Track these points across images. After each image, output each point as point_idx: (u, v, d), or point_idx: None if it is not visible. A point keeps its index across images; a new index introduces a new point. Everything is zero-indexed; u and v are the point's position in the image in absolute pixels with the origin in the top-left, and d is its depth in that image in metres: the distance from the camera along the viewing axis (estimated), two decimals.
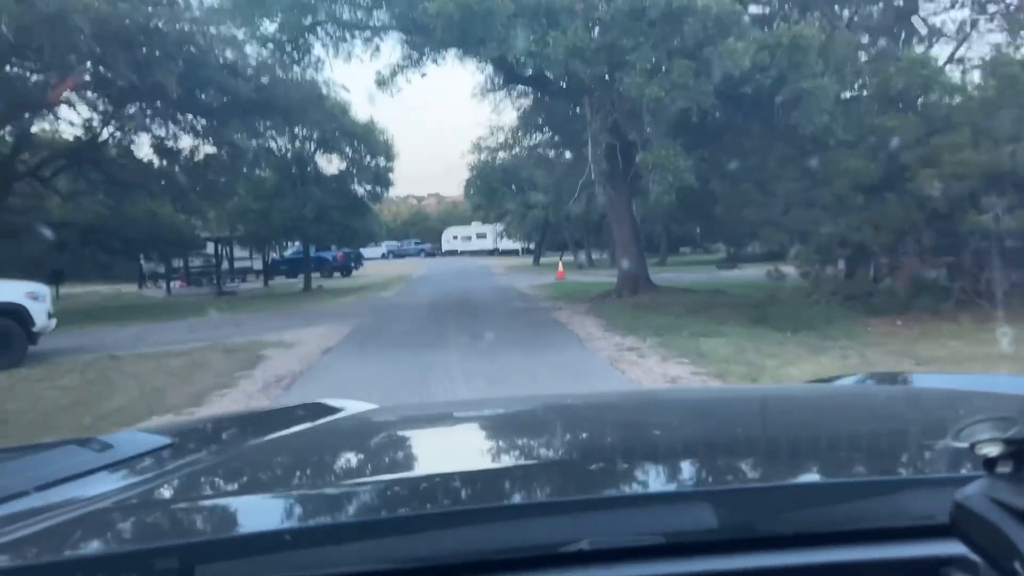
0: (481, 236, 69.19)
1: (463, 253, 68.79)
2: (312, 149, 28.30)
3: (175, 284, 35.96)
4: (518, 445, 1.48)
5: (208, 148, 23.18)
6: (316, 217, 26.77)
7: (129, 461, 1.27)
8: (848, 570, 0.83)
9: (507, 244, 62.54)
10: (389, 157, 29.38)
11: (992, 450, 0.74)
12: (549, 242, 47.07)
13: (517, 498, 1.02)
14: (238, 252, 34.60)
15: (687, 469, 1.15)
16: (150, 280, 35.89)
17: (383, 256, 68.38)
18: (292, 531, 0.89)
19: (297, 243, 31.77)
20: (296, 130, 27.56)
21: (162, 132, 22.49)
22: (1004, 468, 0.74)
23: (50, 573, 0.83)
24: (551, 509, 0.93)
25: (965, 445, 0.75)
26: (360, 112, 28.05)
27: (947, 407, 1.49)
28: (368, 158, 29.11)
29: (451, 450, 1.47)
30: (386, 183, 29.44)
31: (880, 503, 0.90)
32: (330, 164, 29.06)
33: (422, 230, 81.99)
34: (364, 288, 28.43)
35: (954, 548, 0.78)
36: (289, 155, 27.88)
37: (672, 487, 1.04)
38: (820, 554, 0.83)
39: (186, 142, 22.98)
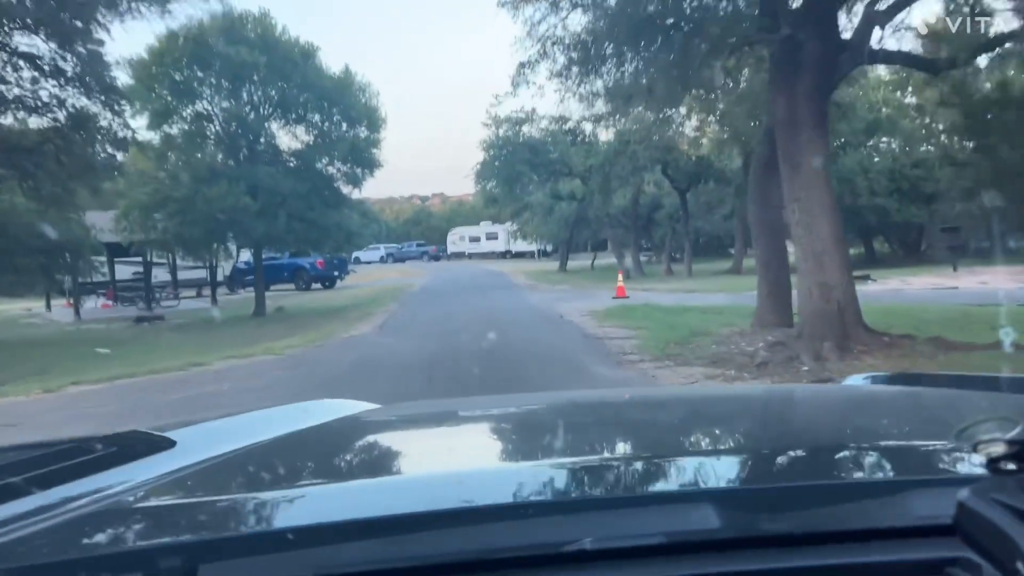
0: (492, 237, 62.75)
1: (471, 256, 61.80)
2: (263, 110, 19.70)
3: (99, 303, 27.72)
4: (520, 444, 1.47)
5: (81, 101, 14.75)
6: (263, 208, 18.21)
7: (132, 460, 1.25)
8: (851, 570, 0.82)
9: (521, 246, 55.88)
10: (374, 126, 20.81)
11: (995, 450, 0.74)
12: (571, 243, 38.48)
13: (519, 497, 0.97)
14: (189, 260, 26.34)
15: (690, 469, 1.09)
16: (73, 296, 27.56)
17: (381, 259, 62.01)
18: (295, 530, 0.86)
19: (272, 247, 23.42)
20: (236, 86, 19.07)
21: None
22: (1007, 468, 0.74)
23: (53, 572, 0.83)
24: (553, 508, 0.91)
25: (968, 445, 0.76)
26: (332, 62, 19.84)
27: (950, 407, 1.49)
28: (343, 126, 20.56)
29: (453, 449, 1.46)
30: (369, 162, 20.80)
31: (883, 503, 0.88)
32: (290, 136, 20.50)
33: (425, 230, 76.39)
34: (340, 311, 19.95)
35: (957, 548, 0.78)
36: (228, 121, 19.33)
37: (675, 487, 1.03)
38: (823, 554, 0.82)
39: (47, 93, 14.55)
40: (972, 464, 0.79)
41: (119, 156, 15.27)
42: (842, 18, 9.68)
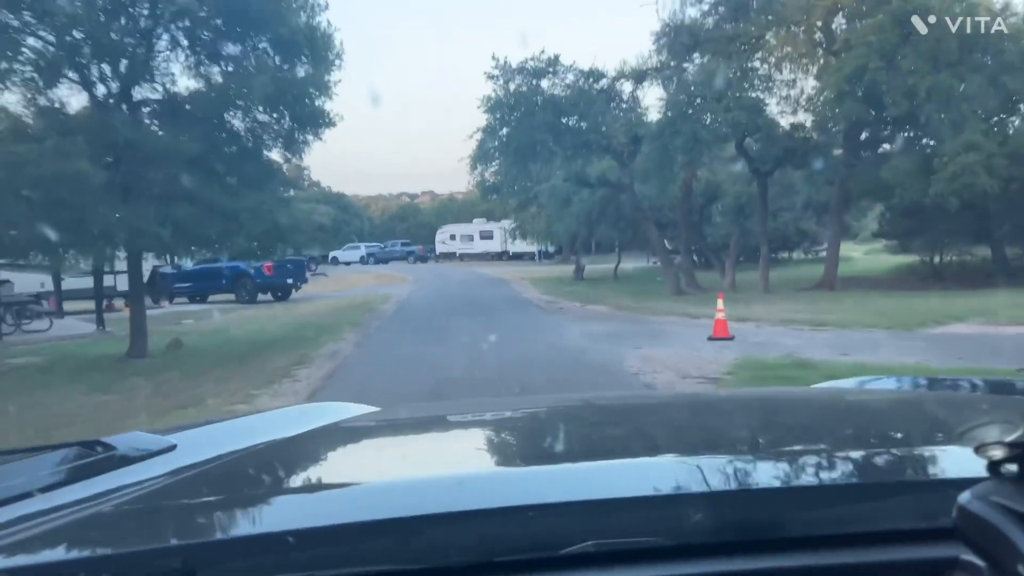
0: (486, 236, 55.78)
1: (463, 257, 54.87)
2: (131, 23, 12.05)
3: None
4: (521, 446, 1.46)
5: None
6: (125, 184, 10.62)
7: (133, 463, 1.25)
8: (852, 572, 0.82)
9: (520, 246, 49.19)
10: (321, 62, 13.20)
11: (996, 453, 0.74)
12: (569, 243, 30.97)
13: (521, 499, 0.96)
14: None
15: (692, 471, 1.07)
16: None
17: (362, 260, 54.91)
18: (294, 532, 0.85)
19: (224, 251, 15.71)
20: None
21: None
22: (1008, 471, 0.74)
23: (54, 574, 0.83)
24: (555, 510, 0.90)
25: (970, 448, 0.75)
26: None
27: (952, 410, 1.48)
28: (276, 59, 12.96)
29: (454, 451, 1.44)
30: (312, 117, 13.17)
31: (884, 505, 0.88)
32: (182, 68, 12.83)
33: (412, 227, 69.65)
34: (266, 348, 12.45)
35: (958, 551, 0.77)
36: (68, 36, 11.68)
37: (677, 489, 1.00)
38: (824, 556, 0.82)
39: None
40: (973, 467, 0.77)
41: None
42: None
